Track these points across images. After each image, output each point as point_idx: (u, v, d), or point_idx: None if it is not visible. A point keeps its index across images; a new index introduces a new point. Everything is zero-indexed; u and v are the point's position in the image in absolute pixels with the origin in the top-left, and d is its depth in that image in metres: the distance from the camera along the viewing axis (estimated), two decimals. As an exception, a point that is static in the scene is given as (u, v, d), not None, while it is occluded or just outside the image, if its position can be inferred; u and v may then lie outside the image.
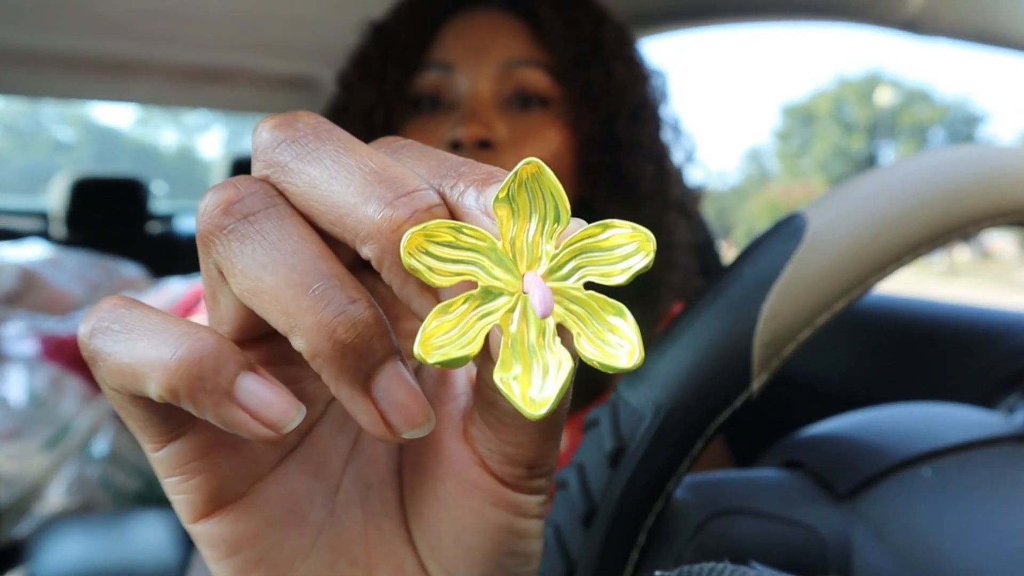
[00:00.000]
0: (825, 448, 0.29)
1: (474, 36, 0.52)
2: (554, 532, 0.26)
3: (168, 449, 0.17)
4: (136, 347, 0.15)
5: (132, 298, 0.16)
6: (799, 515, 0.26)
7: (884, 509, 0.25)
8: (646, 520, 0.25)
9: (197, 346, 0.15)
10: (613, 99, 0.52)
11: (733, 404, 0.24)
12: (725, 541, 0.26)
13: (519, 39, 0.52)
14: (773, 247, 0.26)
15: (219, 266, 0.16)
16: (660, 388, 0.25)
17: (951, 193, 0.26)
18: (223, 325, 0.17)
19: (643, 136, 0.54)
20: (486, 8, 0.54)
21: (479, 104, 0.51)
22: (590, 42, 0.53)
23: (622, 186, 0.53)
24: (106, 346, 0.16)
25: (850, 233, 0.25)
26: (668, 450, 0.25)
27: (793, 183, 28.49)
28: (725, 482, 0.28)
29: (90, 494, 1.09)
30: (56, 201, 1.84)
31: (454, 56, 0.52)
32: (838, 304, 0.25)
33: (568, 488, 0.26)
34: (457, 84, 0.52)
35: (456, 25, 0.54)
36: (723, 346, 0.25)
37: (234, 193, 0.16)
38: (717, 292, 0.26)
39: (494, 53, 0.51)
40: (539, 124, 0.52)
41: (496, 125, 0.50)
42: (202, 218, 0.16)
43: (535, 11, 0.53)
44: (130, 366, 0.15)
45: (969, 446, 0.27)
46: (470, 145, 0.49)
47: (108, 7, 1.03)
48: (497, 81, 0.51)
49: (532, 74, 0.52)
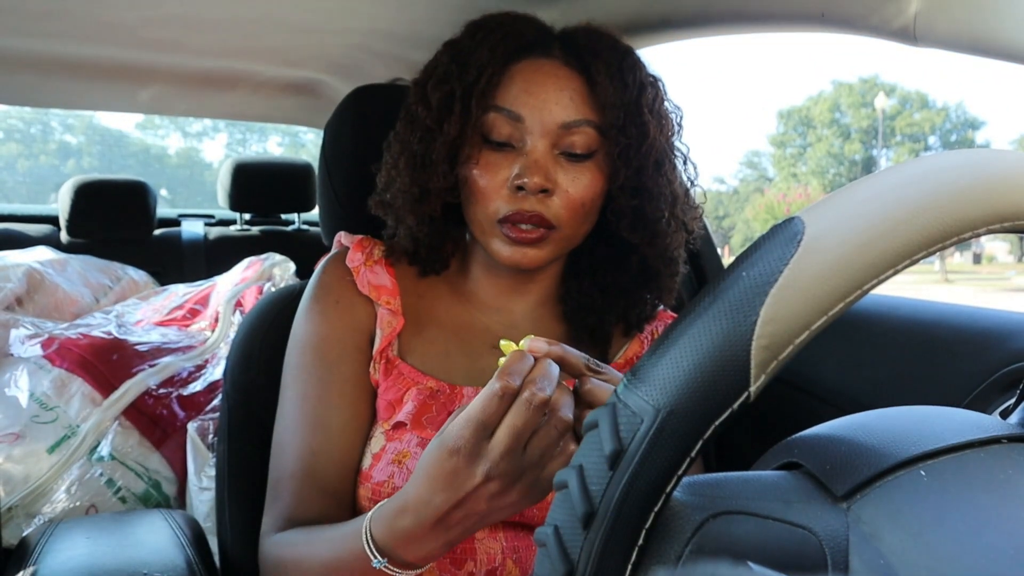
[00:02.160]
0: (822, 450, 0.29)
1: (541, 93, 0.64)
2: (554, 532, 0.26)
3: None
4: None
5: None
6: (797, 516, 0.26)
7: (881, 510, 0.26)
8: (645, 521, 0.26)
9: None
10: (643, 156, 0.65)
11: (731, 407, 0.25)
12: (724, 542, 0.26)
13: (577, 100, 0.64)
14: (771, 251, 0.26)
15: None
16: (659, 391, 0.26)
17: (948, 198, 0.26)
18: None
19: (663, 182, 0.67)
20: (550, 60, 0.66)
21: (541, 156, 0.64)
22: (632, 106, 0.64)
23: (641, 223, 0.67)
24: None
25: (847, 238, 0.25)
26: (667, 452, 0.25)
27: (790, 188, 28.43)
28: (724, 483, 0.28)
29: (95, 495, 1.10)
30: (63, 205, 1.85)
31: (523, 109, 0.64)
32: (835, 308, 0.25)
33: (568, 489, 0.26)
34: (523, 131, 0.64)
35: (523, 73, 0.65)
36: (721, 349, 0.25)
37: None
38: (715, 296, 0.26)
39: (556, 112, 0.64)
40: (584, 173, 0.65)
41: (552, 175, 0.64)
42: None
43: (593, 74, 0.65)
44: None
45: (964, 447, 0.27)
46: (533, 192, 0.63)
47: (114, 15, 1.04)
48: (556, 136, 0.64)
49: (584, 133, 0.64)
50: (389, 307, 0.70)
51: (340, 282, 0.71)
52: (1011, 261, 25.65)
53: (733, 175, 36.14)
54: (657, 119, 0.66)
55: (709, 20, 0.85)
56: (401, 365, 0.68)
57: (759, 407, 0.26)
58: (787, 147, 32.42)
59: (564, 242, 0.66)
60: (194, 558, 0.68)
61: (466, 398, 0.66)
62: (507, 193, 0.63)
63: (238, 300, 1.38)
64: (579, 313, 0.72)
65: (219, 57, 1.26)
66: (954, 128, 29.91)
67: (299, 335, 0.70)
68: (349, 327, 0.69)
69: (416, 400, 0.65)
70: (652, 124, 0.65)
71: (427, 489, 0.47)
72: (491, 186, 0.64)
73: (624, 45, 0.68)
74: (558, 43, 0.67)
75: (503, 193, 0.63)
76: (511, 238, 0.64)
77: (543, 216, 0.63)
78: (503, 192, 0.63)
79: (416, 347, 0.70)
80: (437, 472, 0.46)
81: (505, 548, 0.63)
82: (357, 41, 1.13)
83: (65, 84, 1.38)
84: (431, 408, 0.65)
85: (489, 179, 0.64)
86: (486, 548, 0.62)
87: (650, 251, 0.69)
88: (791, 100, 55.20)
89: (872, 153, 29.45)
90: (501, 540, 0.63)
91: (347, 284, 0.71)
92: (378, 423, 0.67)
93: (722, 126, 63.14)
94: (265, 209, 2.13)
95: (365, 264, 0.72)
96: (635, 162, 0.65)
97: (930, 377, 0.71)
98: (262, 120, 1.90)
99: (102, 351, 1.22)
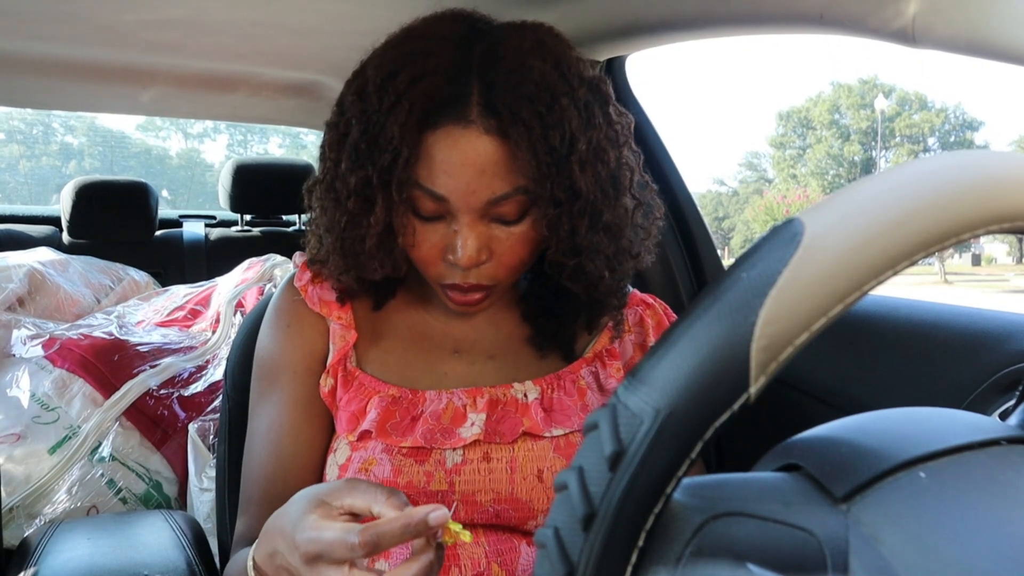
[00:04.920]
0: (822, 451, 0.29)
1: (461, 174, 0.59)
2: (554, 534, 0.26)
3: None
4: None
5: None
6: (797, 518, 0.26)
7: (881, 512, 0.26)
8: (645, 522, 0.26)
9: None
10: (576, 216, 0.60)
11: (731, 408, 0.25)
12: (723, 543, 0.26)
13: (500, 173, 0.59)
14: (770, 252, 0.26)
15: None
16: (659, 392, 0.26)
17: (947, 199, 0.26)
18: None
19: (600, 239, 0.62)
20: (467, 130, 0.58)
21: (470, 233, 0.60)
22: (561, 166, 0.58)
23: (581, 277, 0.64)
24: None
25: (847, 239, 0.26)
26: (667, 453, 0.25)
27: (790, 189, 28.44)
28: (724, 485, 0.28)
29: (96, 496, 1.10)
30: (65, 206, 1.85)
31: (445, 190, 0.59)
32: (835, 309, 0.25)
33: (568, 491, 0.26)
34: (450, 208, 0.60)
35: (441, 145, 0.58)
36: (721, 351, 0.25)
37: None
38: (715, 297, 0.26)
39: (480, 191, 0.59)
40: (516, 234, 0.62)
41: (485, 246, 0.61)
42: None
43: (514, 139, 0.58)
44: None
45: (964, 449, 0.27)
46: (468, 267, 0.61)
47: (115, 17, 1.04)
48: (484, 211, 0.60)
49: (511, 203, 0.60)
50: (340, 322, 0.70)
51: (291, 305, 0.71)
52: (1010, 263, 25.68)
53: (733, 176, 36.22)
54: (591, 164, 0.60)
55: (708, 22, 0.85)
56: (361, 376, 0.68)
57: (759, 408, 0.26)
58: (786, 148, 32.44)
59: (507, 288, 0.67)
60: (194, 559, 0.68)
61: (428, 401, 0.66)
62: (444, 265, 0.63)
63: (239, 301, 1.38)
64: (540, 317, 0.72)
65: (220, 59, 1.26)
66: (953, 129, 29.93)
67: (256, 359, 0.72)
68: (300, 350, 0.69)
69: (379, 408, 0.65)
70: (582, 177, 0.59)
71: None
72: (428, 256, 0.63)
73: (551, 81, 0.58)
74: (476, 102, 0.58)
75: (440, 264, 0.63)
76: (453, 299, 0.65)
77: (482, 283, 0.63)
78: (440, 263, 0.63)
79: (374, 357, 0.70)
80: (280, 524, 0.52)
81: (488, 552, 0.63)
82: (357, 43, 1.13)
83: (67, 86, 1.38)
84: (395, 415, 0.65)
85: (426, 250, 0.63)
86: (469, 553, 0.63)
87: (585, 281, 0.65)
88: (790, 101, 55.27)
89: (871, 154, 29.47)
90: (484, 544, 0.63)
91: (298, 305, 0.71)
92: (340, 436, 0.67)
93: (722, 127, 63.13)
94: (266, 210, 2.14)
95: (313, 282, 0.71)
96: (567, 224, 0.60)
97: (930, 378, 0.71)
98: (263, 122, 1.90)
99: (103, 352, 1.22)
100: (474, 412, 0.65)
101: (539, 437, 0.65)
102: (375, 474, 0.63)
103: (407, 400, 0.66)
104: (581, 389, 0.69)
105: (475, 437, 0.64)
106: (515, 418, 0.66)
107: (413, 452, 0.63)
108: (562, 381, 0.69)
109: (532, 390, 0.68)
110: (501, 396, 0.67)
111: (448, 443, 0.64)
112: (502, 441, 0.64)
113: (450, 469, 0.63)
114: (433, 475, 0.63)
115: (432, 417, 0.65)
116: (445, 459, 0.63)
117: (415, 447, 0.63)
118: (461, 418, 0.65)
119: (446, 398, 0.66)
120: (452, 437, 0.64)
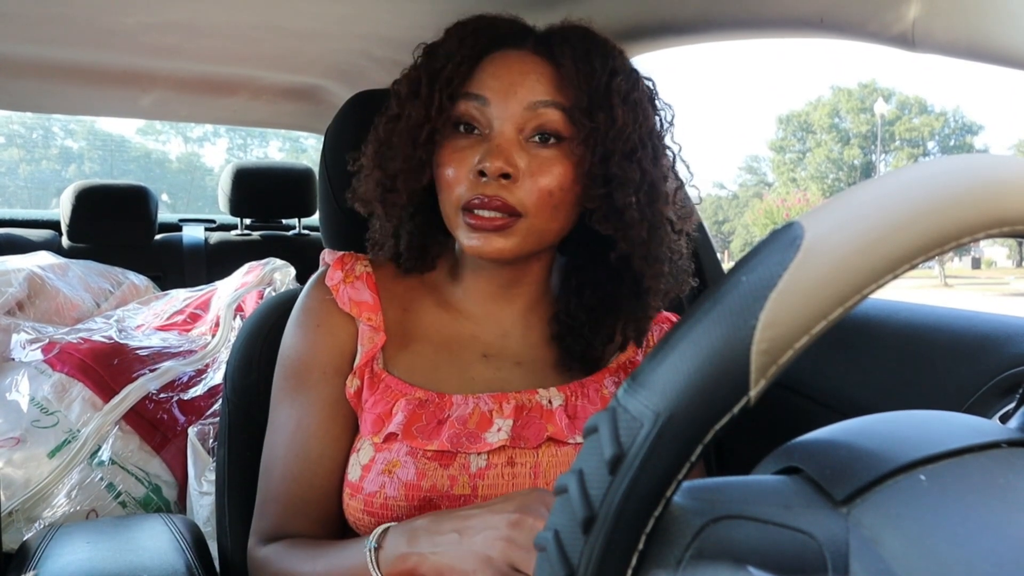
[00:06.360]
0: (822, 454, 0.29)
1: (507, 76, 0.64)
2: (554, 537, 0.26)
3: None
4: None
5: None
6: (797, 521, 0.26)
7: (881, 515, 0.26)
8: (646, 526, 0.26)
9: None
10: (610, 142, 0.62)
11: (731, 411, 0.25)
12: (724, 546, 0.26)
13: (543, 82, 0.63)
14: (770, 256, 0.26)
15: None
16: (659, 395, 0.26)
17: (947, 203, 0.26)
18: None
19: (633, 172, 0.63)
20: (519, 50, 0.65)
21: (504, 141, 0.62)
22: (601, 91, 0.62)
23: (613, 213, 0.64)
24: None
25: (847, 242, 0.26)
26: (667, 456, 0.25)
27: (789, 193, 28.46)
28: (724, 488, 0.28)
29: (95, 500, 1.10)
30: (64, 210, 1.85)
31: (489, 92, 0.63)
32: (835, 312, 0.25)
33: (568, 494, 0.26)
34: (490, 116, 0.63)
35: (494, 62, 0.65)
36: (721, 354, 0.25)
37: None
38: (715, 300, 0.26)
39: (522, 93, 0.63)
40: (551, 159, 0.63)
41: (515, 159, 0.62)
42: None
43: (559, 59, 0.64)
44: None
45: (964, 452, 0.27)
46: (493, 177, 0.61)
47: (116, 21, 1.04)
48: (522, 118, 0.63)
49: (551, 114, 0.63)
50: (370, 323, 0.69)
51: (321, 304, 0.71)
52: (1010, 266, 25.69)
53: (733, 180, 36.24)
54: (631, 107, 0.63)
55: (709, 25, 0.85)
56: (388, 378, 0.68)
57: (759, 411, 0.26)
58: (786, 152, 32.48)
59: (533, 234, 0.64)
60: (194, 563, 0.68)
61: (455, 405, 0.66)
62: (471, 180, 0.62)
63: (239, 305, 1.38)
64: (568, 337, 0.71)
65: (220, 63, 1.27)
66: (952, 133, 29.97)
67: (283, 358, 0.71)
68: (330, 351, 0.69)
69: (406, 411, 0.65)
70: (622, 111, 0.62)
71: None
72: (457, 174, 0.63)
73: (603, 39, 0.66)
74: (532, 38, 0.67)
75: (467, 180, 0.62)
76: (472, 225, 0.62)
77: (505, 201, 0.61)
78: (467, 180, 0.62)
79: (402, 360, 0.69)
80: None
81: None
82: (357, 47, 1.13)
83: (67, 90, 1.39)
84: (421, 418, 0.65)
85: (455, 167, 0.63)
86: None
87: (626, 246, 0.64)
88: (790, 105, 55.39)
89: (871, 158, 29.51)
90: None
91: (328, 304, 0.70)
92: (365, 437, 0.66)
93: (722, 131, 63.26)
94: (266, 214, 2.14)
95: (345, 281, 0.71)
96: (601, 148, 0.62)
97: (930, 381, 0.71)
98: (263, 125, 1.91)
99: (103, 356, 1.22)
100: (500, 417, 0.65)
101: (563, 443, 0.66)
102: (398, 476, 0.62)
103: (434, 403, 0.66)
104: (604, 398, 0.69)
105: (502, 443, 0.64)
106: (540, 424, 0.66)
107: (438, 456, 0.63)
108: (586, 389, 0.70)
109: (557, 397, 0.68)
110: (527, 402, 0.67)
111: (474, 447, 0.64)
112: (527, 446, 0.65)
113: (474, 473, 0.63)
114: (457, 479, 0.63)
115: (459, 421, 0.65)
116: (469, 463, 0.63)
117: (440, 451, 0.63)
118: (487, 423, 0.65)
119: (473, 403, 0.66)
120: (478, 442, 0.64)
